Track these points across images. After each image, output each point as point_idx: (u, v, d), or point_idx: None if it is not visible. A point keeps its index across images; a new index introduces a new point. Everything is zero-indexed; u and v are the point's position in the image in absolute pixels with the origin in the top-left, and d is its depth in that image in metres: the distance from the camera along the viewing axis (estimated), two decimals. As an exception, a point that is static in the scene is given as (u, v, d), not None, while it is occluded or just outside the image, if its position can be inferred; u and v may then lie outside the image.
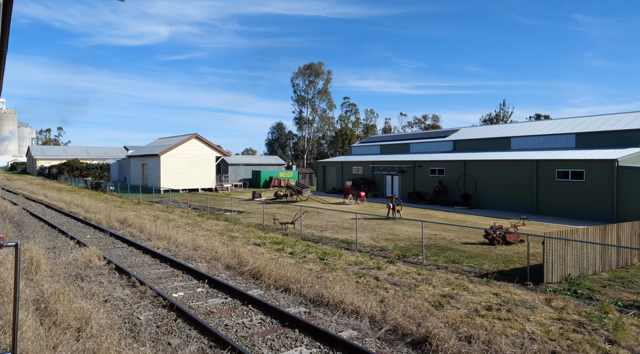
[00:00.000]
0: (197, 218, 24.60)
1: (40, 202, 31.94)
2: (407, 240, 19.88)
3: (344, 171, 48.45)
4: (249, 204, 37.54)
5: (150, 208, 30.10)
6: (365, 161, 45.32)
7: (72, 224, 21.38)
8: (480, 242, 19.76)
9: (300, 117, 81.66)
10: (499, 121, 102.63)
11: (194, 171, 54.73)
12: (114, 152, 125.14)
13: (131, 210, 27.92)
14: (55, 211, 27.10)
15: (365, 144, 53.98)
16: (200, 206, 35.25)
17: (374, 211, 32.21)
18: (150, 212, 26.89)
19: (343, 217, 28.52)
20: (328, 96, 78.98)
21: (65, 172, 78.85)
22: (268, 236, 18.60)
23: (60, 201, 31.76)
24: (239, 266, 12.09)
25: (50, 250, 14.99)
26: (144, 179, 57.09)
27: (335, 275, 11.67)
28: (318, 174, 53.62)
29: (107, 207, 28.10)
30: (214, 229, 19.93)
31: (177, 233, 17.63)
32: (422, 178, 38.05)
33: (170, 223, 21.96)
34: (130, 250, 15.03)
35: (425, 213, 30.72)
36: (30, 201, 33.77)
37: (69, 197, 33.91)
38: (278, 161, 72.85)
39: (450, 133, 43.88)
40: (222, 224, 21.95)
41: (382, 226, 24.44)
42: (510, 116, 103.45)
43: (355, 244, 18.07)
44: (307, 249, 15.64)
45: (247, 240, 17.37)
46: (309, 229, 22.38)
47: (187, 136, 55.61)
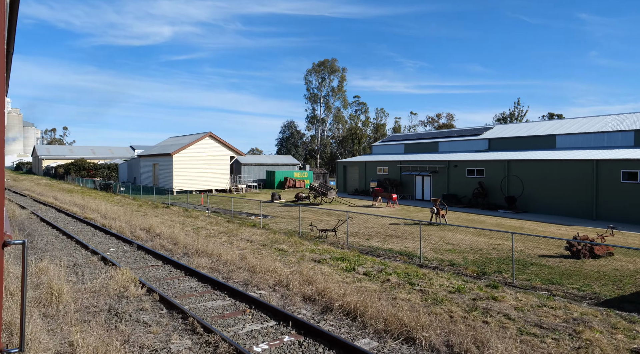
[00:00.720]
0: (227, 225, 21.72)
1: (51, 205, 29.10)
2: (472, 251, 17.04)
3: (367, 172, 45.54)
4: (270, 206, 34.70)
5: (171, 212, 27.24)
6: (391, 160, 42.41)
7: (90, 233, 18.52)
8: (560, 255, 16.94)
9: (313, 115, 78.70)
10: (514, 119, 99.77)
11: (207, 171, 51.94)
12: (121, 152, 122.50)
13: (151, 215, 25.08)
14: (69, 216, 24.26)
15: (388, 143, 51.06)
16: (219, 208, 32.44)
17: (411, 215, 29.32)
18: (174, 218, 24.02)
19: (380, 222, 25.69)
20: (343, 93, 75.97)
21: (73, 173, 76.10)
22: (321, 249, 15.73)
23: (72, 204, 28.94)
24: (318, 297, 9.23)
25: (71, 270, 12.14)
26: (155, 180, 54.29)
27: (448, 310, 8.83)
28: (338, 175, 50.73)
29: (125, 212, 25.26)
30: (255, 240, 17.04)
31: (216, 246, 14.78)
32: (458, 179, 35.13)
33: (201, 232, 19.09)
34: (168, 270, 12.15)
35: (469, 218, 27.82)
36: (40, 204, 30.95)
37: (80, 200, 31.07)
38: (292, 161, 69.97)
39: (483, 131, 40.94)
40: (259, 233, 19.07)
41: (430, 233, 21.58)
42: (525, 114, 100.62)
43: (420, 257, 15.23)
44: (380, 267, 12.78)
45: (301, 255, 14.49)
46: (352, 237, 19.55)
47: (201, 134, 52.78)
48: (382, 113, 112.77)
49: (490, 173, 32.41)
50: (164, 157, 51.05)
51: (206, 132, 52.49)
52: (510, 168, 30.94)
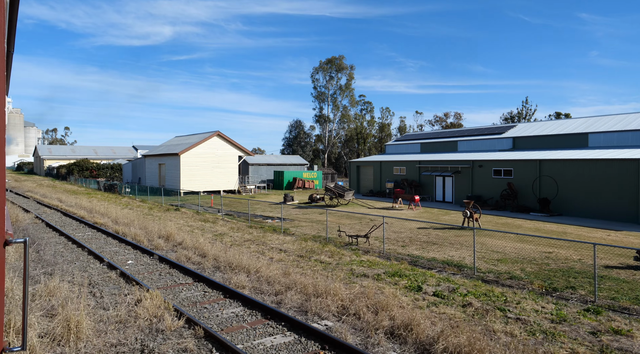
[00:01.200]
0: (250, 231, 19.75)
1: (56, 208, 27.12)
2: (525, 261, 15.19)
3: (383, 172, 43.61)
4: (284, 208, 32.81)
5: (185, 216, 25.29)
6: (409, 160, 40.48)
7: (102, 242, 16.55)
8: (627, 266, 15.12)
9: (320, 114, 76.65)
10: (521, 119, 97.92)
11: (215, 171, 50.01)
12: (123, 152, 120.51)
13: (165, 219, 23.14)
14: (76, 220, 22.28)
15: (403, 142, 49.12)
16: (231, 211, 30.54)
17: (437, 219, 27.40)
18: (190, 223, 22.04)
19: (407, 226, 23.85)
20: (351, 92, 73.88)
21: (76, 173, 74.11)
22: (366, 261, 13.78)
23: (78, 207, 26.97)
24: (405, 332, 7.29)
25: (87, 289, 10.21)
26: (161, 181, 52.34)
27: (575, 352, 6.93)
28: (351, 175, 48.79)
29: (136, 216, 23.31)
30: (289, 250, 15.08)
31: (249, 258, 12.84)
32: (483, 180, 33.21)
33: (225, 239, 17.15)
34: (202, 290, 10.19)
35: (502, 221, 25.91)
36: (44, 206, 28.96)
37: (87, 203, 29.11)
38: (300, 161, 68.02)
39: (506, 129, 39.01)
40: (288, 240, 17.11)
41: (465, 238, 19.77)
42: (533, 113, 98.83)
43: (474, 269, 13.34)
44: (449, 286, 10.83)
45: (349, 268, 12.53)
46: (385, 243, 17.70)
47: (208, 133, 50.83)
48: (387, 112, 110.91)
49: (519, 174, 30.49)
50: (171, 157, 49.15)
51: (214, 131, 50.58)
52: (542, 168, 29.01)
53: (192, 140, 51.02)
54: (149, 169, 56.02)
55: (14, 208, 26.06)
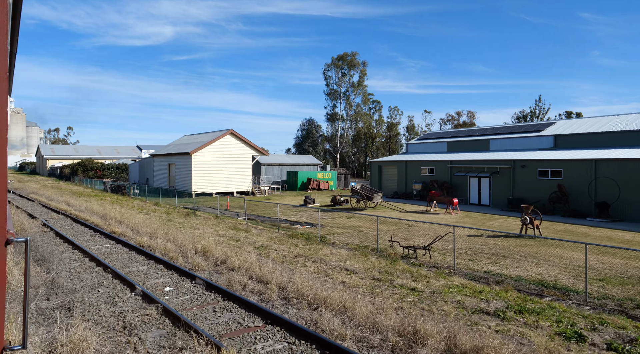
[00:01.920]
0: (295, 242, 16.80)
1: (65, 213, 24.16)
2: (631, 280, 12.35)
3: (409, 172, 40.72)
4: (307, 212, 30.00)
5: (208, 222, 22.37)
6: (439, 160, 37.58)
7: (126, 258, 13.61)
8: None
9: (333, 112, 73.65)
10: (534, 117, 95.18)
11: (228, 171, 47.14)
12: (127, 152, 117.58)
13: (189, 226, 20.23)
14: (90, 229, 19.35)
15: (426, 141, 46.23)
16: (252, 215, 27.79)
17: (485, 225, 24.51)
18: (221, 231, 19.06)
19: (455, 233, 21.04)
20: (364, 89, 70.85)
21: (80, 173, 71.13)
22: (458, 285, 10.91)
23: (89, 212, 24.04)
24: None
25: (122, 337, 7.34)
26: (171, 181, 49.44)
27: None
28: (372, 176, 45.90)
29: (157, 223, 20.40)
30: (356, 270, 12.08)
31: (319, 283, 9.99)
32: (526, 181, 30.33)
33: (270, 253, 14.22)
34: (284, 341, 7.19)
35: (562, 228, 23.05)
36: (51, 211, 26.01)
37: (98, 206, 26.19)
38: (313, 161, 65.10)
39: (545, 127, 36.12)
40: (345, 255, 14.18)
41: (531, 249, 16.96)
42: (547, 112, 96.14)
43: (585, 295, 10.49)
44: (624, 335, 8.00)
45: (454, 300, 9.60)
46: (445, 255, 14.90)
47: (221, 132, 47.92)
48: (396, 111, 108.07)
49: (571, 174, 27.61)
50: (182, 157, 46.26)
51: (227, 130, 47.70)
52: (598, 169, 26.15)
53: (204, 139, 48.12)
54: (158, 169, 53.13)
55: (18, 213, 23.15)
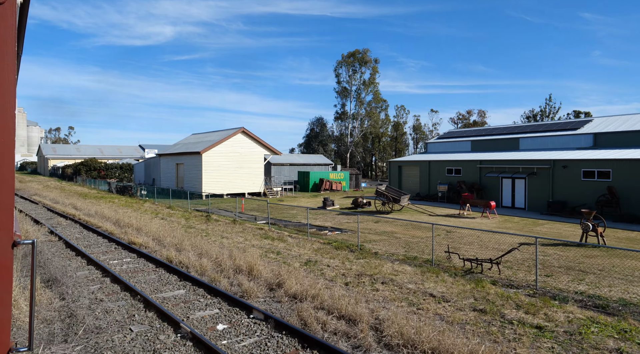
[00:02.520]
0: (347, 256, 14.38)
1: (73, 218, 21.71)
2: None
3: (432, 173, 38.34)
4: (328, 215, 27.64)
5: (230, 227, 19.92)
6: (467, 160, 35.22)
7: (155, 277, 11.12)
8: None
9: (343, 111, 71.14)
10: (545, 117, 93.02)
11: (240, 172, 44.74)
12: (130, 152, 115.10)
13: (215, 233, 17.80)
14: (105, 238, 16.91)
15: (447, 140, 43.86)
16: (271, 218, 25.49)
17: (529, 230, 22.15)
18: (253, 241, 16.56)
19: (504, 241, 18.77)
20: (375, 87, 68.33)
21: (83, 173, 68.65)
22: (580, 318, 8.57)
23: (100, 216, 21.61)
24: None
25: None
26: (179, 182, 47.03)
27: None
28: (391, 177, 43.52)
29: (179, 231, 17.95)
30: (445, 296, 9.64)
31: (419, 318, 7.66)
32: (568, 183, 27.98)
33: (326, 271, 11.79)
34: None
35: (624, 236, 20.72)
36: (57, 215, 23.55)
37: (108, 210, 23.76)
38: (324, 161, 62.69)
39: (580, 124, 33.76)
40: (409, 271, 11.82)
41: (598, 261, 14.62)
42: (557, 111, 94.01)
43: None
44: None
45: (589, 341, 7.31)
46: (510, 269, 12.55)
47: (232, 130, 45.52)
48: (402, 110, 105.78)
49: (622, 176, 25.27)
50: (191, 157, 43.84)
51: (238, 128, 45.30)
52: (654, 170, 23.84)
53: (214, 137, 45.72)
54: (165, 169, 50.70)
55: (22, 218, 20.71)
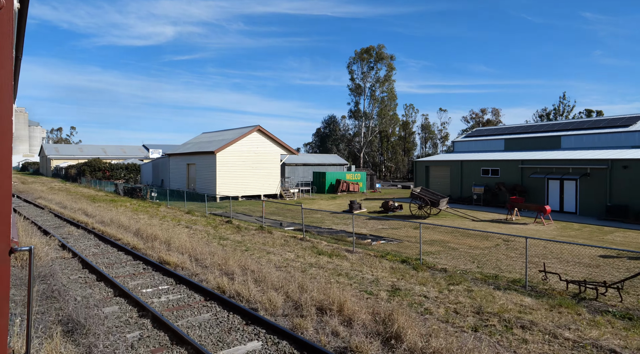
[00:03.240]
0: (435, 279, 11.46)
1: (85, 227, 18.68)
2: None
3: (465, 173, 35.46)
4: (358, 220, 24.84)
5: (273, 239, 16.97)
6: (507, 159, 32.33)
7: (215, 323, 7.94)
8: None
9: (356, 109, 68.09)
10: (558, 115, 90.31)
11: (255, 172, 41.85)
12: (133, 151, 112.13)
13: (257, 249, 14.83)
14: (129, 254, 13.87)
15: (476, 139, 40.98)
16: (297, 223, 22.67)
17: (602, 240, 19.29)
18: (309, 258, 13.46)
19: (578, 252, 16.01)
20: (391, 84, 65.28)
21: (87, 174, 65.66)
22: None
23: (117, 225, 18.60)
24: None
25: None
26: (190, 183, 44.10)
27: None
28: (417, 177, 40.63)
29: (214, 244, 15.01)
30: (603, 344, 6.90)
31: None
32: (631, 185, 25.13)
33: (439, 309, 8.89)
34: None
35: None
36: (67, 223, 20.53)
37: (123, 217, 20.79)
38: (339, 161, 59.76)
39: (632, 121, 30.88)
40: (531, 305, 8.98)
41: None
42: (572, 110, 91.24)
43: None
44: None
45: None
46: (628, 294, 9.66)
47: (247, 128, 42.62)
48: (411, 109, 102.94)
49: (697, 177, 22.42)
50: (204, 157, 40.92)
51: (254, 126, 42.41)
52: None
53: (228, 136, 42.80)
54: (175, 169, 47.76)
55: (27, 227, 17.74)
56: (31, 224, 19.52)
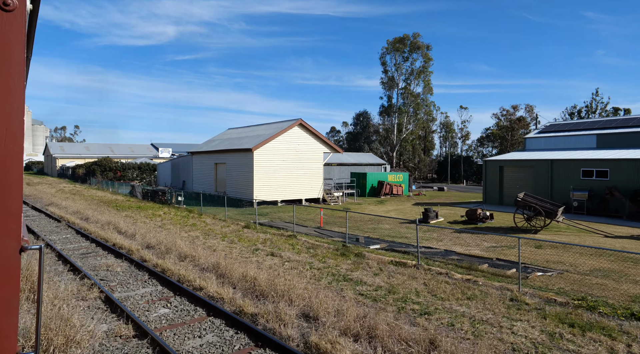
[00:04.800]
0: None
1: (129, 257, 11.99)
2: None
3: (556, 176, 29.27)
4: (444, 233, 18.95)
5: (378, 269, 10.83)
6: (623, 159, 26.20)
7: None
8: None
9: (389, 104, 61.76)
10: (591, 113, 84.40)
11: (296, 173, 35.68)
12: (142, 150, 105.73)
13: (420, 301, 8.74)
14: (240, 329, 7.56)
15: (555, 135, 34.83)
16: (376, 240, 16.58)
17: None
18: (500, 318, 7.50)
19: None
20: (427, 76, 58.89)
21: (98, 174, 59.17)
22: None
23: (176, 254, 12.06)
24: None
25: None
26: (219, 185, 37.81)
27: None
28: (487, 180, 34.45)
29: (350, 295, 8.89)
30: None
31: None
32: None
33: None
34: None
35: None
36: (99, 247, 14.01)
37: (180, 239, 14.55)
38: (375, 160, 53.53)
39: None
40: None
41: None
42: (605, 107, 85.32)
43: None
44: None
45: None
46: None
47: (288, 122, 36.40)
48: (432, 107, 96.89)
49: None
50: (237, 155, 34.67)
51: (295, 120, 36.26)
52: None
53: (263, 131, 36.50)
54: (199, 170, 41.41)
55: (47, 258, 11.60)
56: (47, 247, 13.21)
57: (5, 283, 2.13)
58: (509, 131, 74.54)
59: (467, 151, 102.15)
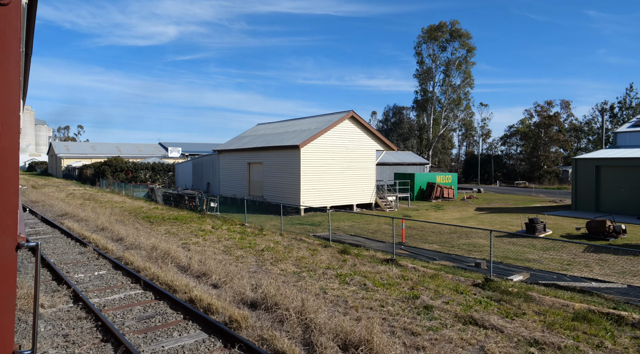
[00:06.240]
0: None
1: (228, 330, 6.41)
2: None
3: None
4: (573, 253, 13.20)
5: None
6: None
7: None
8: None
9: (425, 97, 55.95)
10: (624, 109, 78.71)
11: (347, 174, 30.01)
12: (150, 150, 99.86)
13: None
14: None
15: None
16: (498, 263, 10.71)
17: None
18: None
19: None
20: (468, 67, 53.09)
21: (109, 175, 53.33)
22: None
23: (286, 308, 6.70)
24: None
25: None
26: (252, 189, 32.06)
27: None
28: (578, 182, 28.77)
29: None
30: None
31: None
32: None
33: None
34: None
35: None
36: (149, 291, 8.33)
37: (266, 278, 8.94)
38: (416, 159, 47.83)
39: None
40: None
41: None
42: (642, 102, 79.61)
43: None
44: None
45: None
46: None
47: (338, 115, 30.71)
48: (471, 101, 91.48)
49: None
50: (278, 153, 28.97)
51: (345, 112, 30.64)
52: None
53: (310, 125, 30.75)
54: (228, 170, 35.60)
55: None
56: (78, 304, 7.54)
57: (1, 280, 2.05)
58: (542, 127, 68.85)
59: (487, 150, 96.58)
